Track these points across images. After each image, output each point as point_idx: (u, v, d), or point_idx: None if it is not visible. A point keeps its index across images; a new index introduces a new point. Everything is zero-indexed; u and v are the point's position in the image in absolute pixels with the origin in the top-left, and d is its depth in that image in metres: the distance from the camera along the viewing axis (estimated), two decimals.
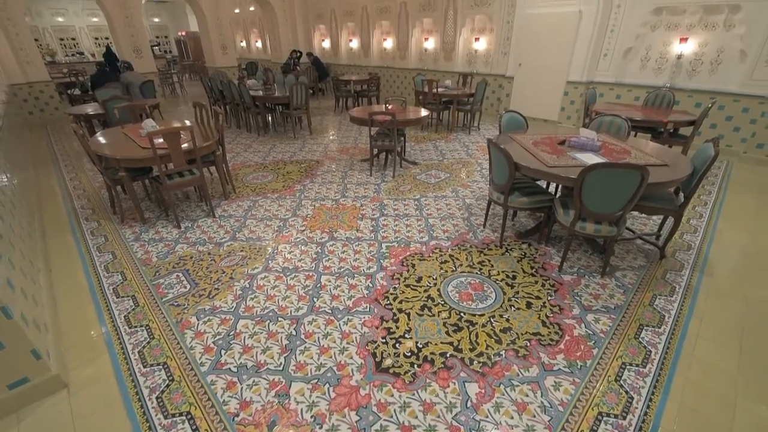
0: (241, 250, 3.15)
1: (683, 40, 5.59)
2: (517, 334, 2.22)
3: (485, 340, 2.18)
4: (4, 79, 7.54)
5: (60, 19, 15.96)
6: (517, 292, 2.59)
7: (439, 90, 6.72)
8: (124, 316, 2.42)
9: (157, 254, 3.12)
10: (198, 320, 2.37)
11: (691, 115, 4.66)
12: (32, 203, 3.94)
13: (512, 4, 7.24)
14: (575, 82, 6.67)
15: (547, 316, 2.36)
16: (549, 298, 2.53)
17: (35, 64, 8.11)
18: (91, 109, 5.71)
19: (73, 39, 16.44)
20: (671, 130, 4.58)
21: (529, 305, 2.46)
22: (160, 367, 2.04)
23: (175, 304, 2.53)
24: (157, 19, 19.33)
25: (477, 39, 8.18)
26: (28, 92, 8.15)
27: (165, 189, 3.37)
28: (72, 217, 3.83)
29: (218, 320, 2.37)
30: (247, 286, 2.69)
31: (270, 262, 2.98)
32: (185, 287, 2.69)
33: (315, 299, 2.54)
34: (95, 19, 16.27)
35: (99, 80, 7.21)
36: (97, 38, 16.80)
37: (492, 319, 2.34)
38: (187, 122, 4.29)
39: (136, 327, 2.33)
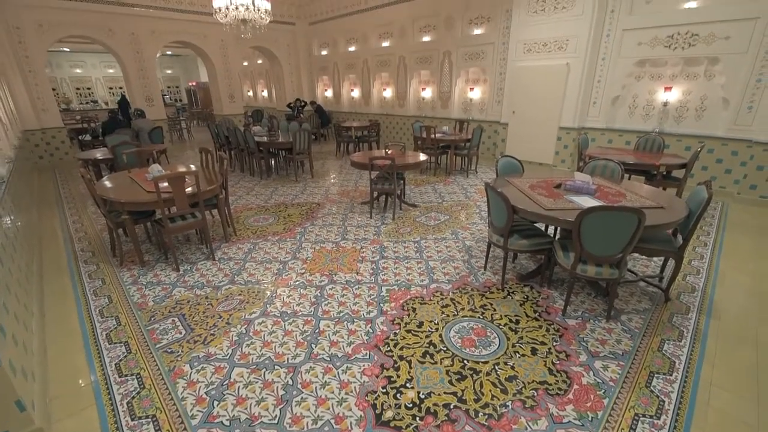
0: (240, 294, 3.10)
1: (667, 88, 5.90)
2: (523, 382, 2.13)
3: (490, 390, 2.08)
4: (19, 126, 7.86)
5: (78, 71, 16.96)
6: (521, 338, 2.51)
7: (437, 135, 6.96)
8: (115, 364, 2.34)
9: (154, 298, 3.07)
10: (191, 368, 2.28)
11: (682, 158, 4.80)
12: (33, 245, 3.94)
13: (503, 57, 7.73)
14: (567, 128, 6.94)
15: (553, 363, 2.28)
16: (554, 343, 2.46)
17: (50, 111, 8.50)
18: (99, 153, 5.90)
19: (89, 88, 17.35)
20: (664, 173, 4.69)
21: (534, 351, 2.39)
22: (149, 420, 1.93)
23: (169, 350, 2.45)
24: (169, 71, 20.51)
25: (472, 89, 8.64)
26: (40, 138, 8.46)
27: (167, 232, 3.39)
28: (71, 260, 3.82)
29: (212, 368, 2.28)
30: (244, 331, 2.62)
31: (268, 306, 2.93)
32: (180, 333, 2.63)
33: (313, 345, 2.47)
34: (111, 71, 17.27)
35: (110, 126, 7.53)
36: (111, 88, 17.74)
37: (497, 367, 2.25)
38: (192, 167, 4.41)
39: (126, 376, 2.24)
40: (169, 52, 18.59)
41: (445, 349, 2.41)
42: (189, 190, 3.47)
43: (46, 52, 8.34)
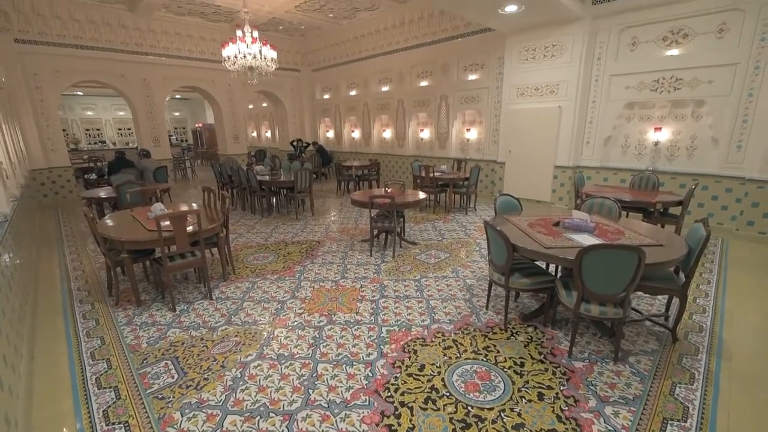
0: (236, 335, 3.02)
1: (657, 129, 6.11)
2: (531, 431, 2.03)
3: None
4: (27, 165, 8.04)
5: (89, 113, 17.64)
6: (527, 382, 2.42)
7: (436, 174, 7.11)
8: (103, 411, 2.23)
9: (148, 339, 2.99)
10: (182, 416, 2.18)
11: (677, 195, 4.87)
12: (29, 284, 3.90)
13: (498, 100, 8.08)
14: (563, 167, 7.10)
15: (561, 410, 2.18)
16: (562, 387, 2.36)
17: (59, 151, 8.75)
18: (103, 192, 5.99)
19: (98, 129, 17.96)
20: (661, 210, 4.74)
21: (541, 397, 2.29)
22: None
23: (160, 396, 2.35)
24: (177, 113, 21.33)
25: (468, 129, 8.95)
26: (47, 176, 8.64)
27: (166, 271, 3.37)
28: (66, 299, 3.76)
29: (204, 416, 2.17)
30: (239, 375, 2.53)
31: (265, 348, 2.84)
32: (173, 377, 2.53)
33: (310, 391, 2.37)
34: (121, 113, 17.96)
35: (116, 166, 7.70)
36: (120, 129, 18.37)
37: (503, 414, 2.15)
38: (194, 205, 4.47)
39: (114, 424, 2.13)
40: (178, 96, 19.43)
41: (448, 394, 2.32)
42: (190, 228, 3.49)
43: (60, 96, 8.73)
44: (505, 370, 2.54)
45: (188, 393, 2.37)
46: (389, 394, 2.32)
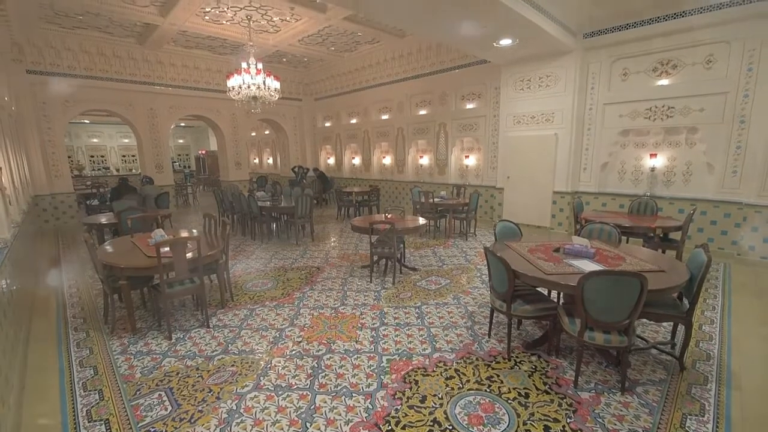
0: (232, 365, 2.95)
1: (653, 155, 6.22)
2: None
3: None
4: (30, 191, 8.11)
5: (95, 140, 17.99)
6: (533, 414, 2.34)
7: (435, 200, 7.16)
8: None
9: (142, 369, 2.92)
10: None
11: (676, 220, 4.89)
12: (25, 311, 3.84)
13: (495, 128, 8.27)
14: (561, 192, 7.16)
15: None
16: (568, 420, 2.28)
17: (63, 177, 8.86)
18: (104, 218, 6.01)
19: (103, 156, 18.25)
20: (661, 235, 4.74)
21: (547, 430, 2.20)
22: None
23: (152, 430, 2.26)
24: (181, 141, 21.74)
25: (467, 156, 9.10)
26: (49, 202, 8.70)
27: (164, 298, 3.33)
28: (61, 327, 3.69)
29: None
30: (234, 408, 2.44)
31: (262, 378, 2.77)
32: (166, 409, 2.45)
33: (308, 424, 2.29)
34: (126, 140, 18.31)
35: (119, 192, 7.78)
36: (124, 156, 18.66)
37: None
38: (195, 231, 4.48)
39: None
40: (182, 124, 19.87)
41: (450, 427, 2.23)
42: (189, 255, 3.48)
43: (67, 123, 8.94)
44: (509, 401, 2.46)
45: (181, 426, 2.28)
46: (390, 427, 2.24)
